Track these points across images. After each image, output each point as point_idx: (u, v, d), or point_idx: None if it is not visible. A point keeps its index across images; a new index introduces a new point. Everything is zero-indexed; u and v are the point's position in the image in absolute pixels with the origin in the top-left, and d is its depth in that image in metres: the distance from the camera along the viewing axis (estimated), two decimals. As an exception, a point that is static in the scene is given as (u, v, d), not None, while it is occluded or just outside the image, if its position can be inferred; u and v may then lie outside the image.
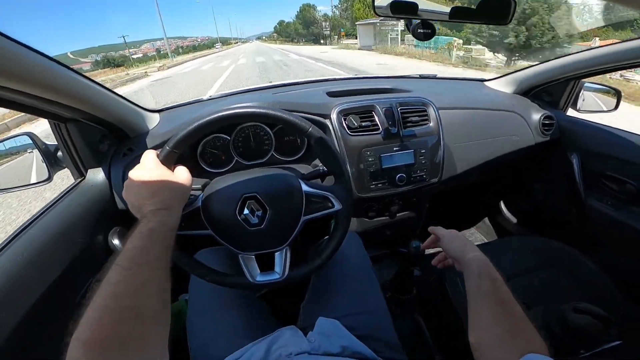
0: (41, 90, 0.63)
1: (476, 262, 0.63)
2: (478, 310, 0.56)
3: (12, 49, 0.54)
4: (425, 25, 0.72)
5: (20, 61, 0.56)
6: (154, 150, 0.63)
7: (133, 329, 0.40)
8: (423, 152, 1.04)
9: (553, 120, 1.27)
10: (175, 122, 0.99)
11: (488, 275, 0.60)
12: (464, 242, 0.71)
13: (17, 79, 0.56)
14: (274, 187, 0.70)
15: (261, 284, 0.69)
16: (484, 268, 0.61)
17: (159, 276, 0.47)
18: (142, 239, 0.50)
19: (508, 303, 0.54)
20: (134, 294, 0.43)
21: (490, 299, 0.55)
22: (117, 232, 0.88)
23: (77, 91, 0.72)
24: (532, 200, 1.52)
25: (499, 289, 0.57)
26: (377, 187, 1.03)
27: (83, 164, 0.88)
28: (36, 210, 0.78)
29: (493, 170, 1.31)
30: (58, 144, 0.86)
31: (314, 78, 1.47)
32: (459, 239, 0.73)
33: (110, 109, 0.85)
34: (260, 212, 0.67)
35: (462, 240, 0.72)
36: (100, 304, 0.41)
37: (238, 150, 0.99)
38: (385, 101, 1.03)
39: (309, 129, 0.67)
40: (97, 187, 0.88)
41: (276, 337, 0.66)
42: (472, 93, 1.38)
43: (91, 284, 0.77)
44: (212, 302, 0.79)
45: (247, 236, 0.68)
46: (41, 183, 0.87)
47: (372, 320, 0.76)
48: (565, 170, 1.26)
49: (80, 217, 0.81)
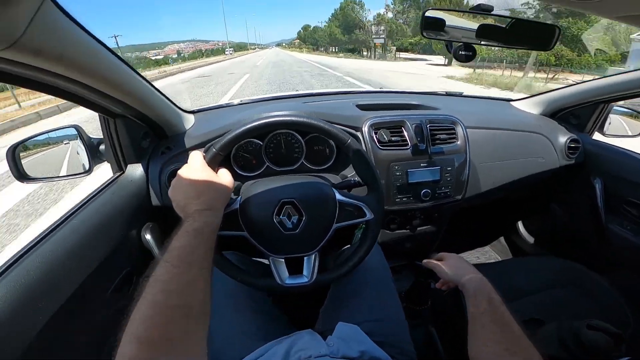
0: (104, 86, 0.66)
1: (472, 284, 0.67)
2: (476, 329, 0.58)
3: (90, 44, 0.57)
4: (467, 48, 0.74)
5: (95, 56, 0.59)
6: (199, 152, 0.66)
7: (181, 328, 0.42)
8: (449, 169, 1.05)
9: (579, 144, 1.26)
10: (210, 125, 1.02)
11: (484, 295, 0.62)
12: (457, 267, 0.75)
13: (91, 73, 0.60)
14: (310, 194, 0.72)
15: (290, 286, 0.72)
16: (480, 289, 0.64)
17: (203, 276, 0.49)
18: (188, 237, 0.51)
19: (506, 322, 0.56)
20: (182, 293, 0.45)
21: (488, 318, 0.58)
22: (149, 227, 0.91)
23: (133, 89, 0.76)
24: (551, 221, 1.51)
25: (497, 308, 0.59)
26: (402, 200, 1.05)
27: (124, 159, 0.92)
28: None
29: (516, 191, 1.32)
30: (104, 137, 0.90)
31: (342, 89, 1.50)
32: (453, 265, 0.76)
33: (156, 107, 0.88)
34: (296, 217, 0.70)
35: (457, 265, 0.76)
36: (152, 301, 0.43)
37: (269, 155, 1.02)
38: (415, 117, 1.05)
39: (348, 140, 0.71)
40: (135, 183, 0.92)
41: (295, 340, 0.67)
42: (499, 113, 1.38)
43: (123, 277, 0.81)
44: (225, 305, 0.80)
45: (281, 240, 0.70)
46: (80, 175, 0.91)
47: (390, 327, 0.77)
48: (587, 194, 1.26)
49: (118, 210, 0.84)
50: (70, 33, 0.51)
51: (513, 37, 0.71)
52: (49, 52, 0.47)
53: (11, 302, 0.54)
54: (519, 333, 0.54)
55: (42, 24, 0.43)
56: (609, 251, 1.22)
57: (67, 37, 0.51)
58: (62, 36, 0.49)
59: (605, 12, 0.46)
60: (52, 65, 0.50)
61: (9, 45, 0.40)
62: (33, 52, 0.44)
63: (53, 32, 0.47)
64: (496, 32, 0.71)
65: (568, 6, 0.44)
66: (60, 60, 0.51)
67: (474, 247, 1.84)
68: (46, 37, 0.45)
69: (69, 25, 0.51)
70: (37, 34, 0.42)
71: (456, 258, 0.79)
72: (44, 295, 0.59)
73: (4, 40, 0.39)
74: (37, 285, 0.59)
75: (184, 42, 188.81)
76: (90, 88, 0.63)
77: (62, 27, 0.49)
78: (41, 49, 0.45)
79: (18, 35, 0.39)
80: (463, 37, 0.72)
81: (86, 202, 0.81)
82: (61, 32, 0.49)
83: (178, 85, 14.75)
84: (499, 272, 1.13)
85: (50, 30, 0.46)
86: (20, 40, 0.40)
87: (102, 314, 0.75)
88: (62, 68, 0.53)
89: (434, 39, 0.71)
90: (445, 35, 0.70)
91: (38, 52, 0.45)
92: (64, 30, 0.49)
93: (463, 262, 0.76)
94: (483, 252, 1.83)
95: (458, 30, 0.71)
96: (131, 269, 0.85)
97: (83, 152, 0.90)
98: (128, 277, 0.84)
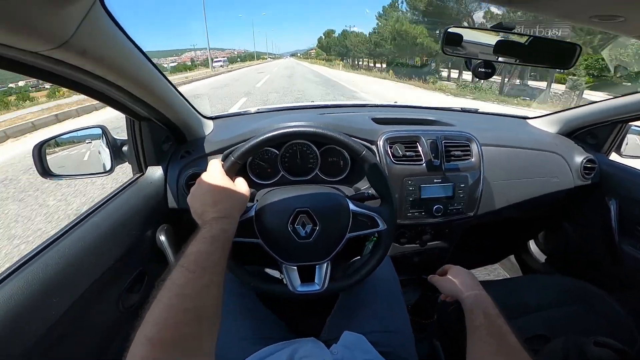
0: (137, 89, 0.69)
1: (470, 299, 0.67)
2: (474, 342, 0.59)
3: (129, 49, 0.59)
4: (486, 65, 0.75)
5: (133, 61, 0.62)
6: (218, 160, 0.68)
7: (193, 330, 0.43)
8: (462, 186, 1.05)
9: (595, 164, 1.25)
10: (229, 131, 1.04)
11: (481, 309, 0.63)
12: (459, 281, 0.75)
13: (127, 77, 0.62)
14: (325, 204, 0.74)
15: (302, 293, 0.73)
16: (477, 302, 0.65)
17: (217, 281, 0.50)
18: (205, 244, 0.53)
19: (503, 334, 0.56)
20: (196, 296, 0.46)
21: (484, 331, 0.58)
22: (164, 229, 0.93)
23: (163, 94, 0.78)
24: (563, 241, 1.49)
25: (493, 321, 0.59)
26: (414, 215, 1.05)
27: (145, 161, 0.94)
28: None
29: (529, 210, 1.31)
30: (128, 139, 0.93)
31: (358, 102, 1.51)
32: (454, 279, 0.77)
33: (180, 112, 0.91)
34: (310, 226, 0.72)
35: (458, 279, 0.76)
36: (166, 304, 0.44)
37: (284, 165, 1.04)
38: (430, 133, 1.06)
39: (363, 152, 0.72)
40: (154, 185, 0.94)
41: (297, 346, 0.67)
42: (514, 131, 1.38)
43: (136, 277, 0.82)
44: (226, 310, 0.81)
45: (295, 248, 0.72)
46: (102, 174, 0.94)
47: (396, 339, 0.77)
48: (601, 214, 1.24)
49: (136, 210, 0.86)
50: (114, 36, 0.53)
51: (533, 54, 0.72)
52: (94, 53, 0.49)
53: (27, 296, 0.55)
54: (516, 345, 0.54)
55: (91, 26, 0.45)
56: (622, 272, 1.20)
57: (111, 40, 0.53)
58: (107, 39, 0.52)
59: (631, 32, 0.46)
60: (94, 66, 0.52)
61: (59, 44, 0.41)
62: (80, 52, 0.46)
63: (99, 35, 0.49)
64: (515, 49, 0.72)
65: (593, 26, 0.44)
66: (102, 62, 0.53)
67: (483, 264, 1.82)
68: (92, 39, 0.47)
69: (114, 29, 0.53)
70: (85, 36, 0.44)
71: (459, 271, 0.79)
72: (59, 290, 0.61)
73: (56, 40, 0.41)
74: (53, 280, 0.60)
75: (200, 50, 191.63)
76: (124, 90, 0.65)
77: (108, 30, 0.51)
78: (87, 50, 0.47)
79: (69, 36, 0.41)
80: (482, 54, 0.73)
81: (106, 201, 0.83)
82: (106, 35, 0.51)
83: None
84: (508, 289, 1.12)
85: (97, 33, 0.48)
86: (69, 41, 0.42)
87: (113, 311, 0.77)
88: (103, 70, 0.55)
89: (454, 55, 0.72)
90: (464, 51, 0.71)
91: (84, 53, 0.47)
92: (109, 33, 0.52)
93: (466, 276, 0.76)
94: (492, 270, 1.81)
95: (477, 46, 0.71)
96: (143, 269, 0.87)
97: (105, 152, 0.93)
98: (140, 277, 0.86)
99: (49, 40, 0.40)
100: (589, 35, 11.38)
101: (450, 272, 0.80)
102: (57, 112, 9.16)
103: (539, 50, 0.71)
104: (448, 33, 0.68)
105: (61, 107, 10.20)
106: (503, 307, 1.00)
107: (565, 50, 0.70)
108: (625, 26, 0.42)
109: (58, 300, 0.60)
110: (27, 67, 0.46)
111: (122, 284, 0.80)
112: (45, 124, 8.34)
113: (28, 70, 0.47)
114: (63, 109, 9.82)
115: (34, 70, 0.47)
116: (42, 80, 0.53)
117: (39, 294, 0.57)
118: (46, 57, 0.43)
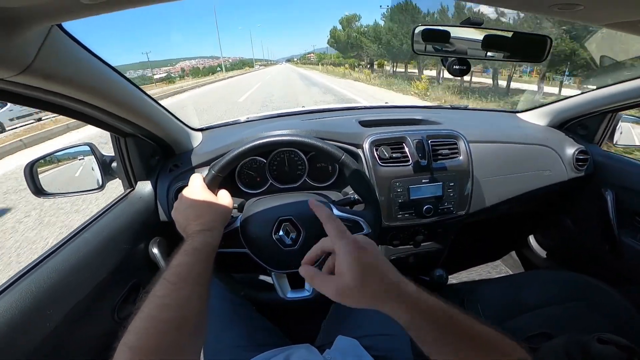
0: (113, 107, 0.70)
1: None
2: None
3: (97, 67, 0.61)
4: (460, 62, 0.75)
5: (103, 79, 0.63)
6: (200, 174, 0.70)
7: (173, 340, 0.44)
8: (452, 184, 1.05)
9: (588, 155, 1.24)
10: (216, 142, 1.05)
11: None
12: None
13: (100, 96, 0.64)
14: (308, 211, 0.75)
15: (292, 300, 0.74)
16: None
17: (199, 291, 0.51)
18: (186, 256, 0.55)
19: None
20: (177, 307, 0.47)
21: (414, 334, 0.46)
22: (157, 241, 0.94)
23: (141, 109, 0.80)
24: (562, 235, 1.48)
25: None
26: (404, 217, 1.05)
27: (134, 176, 0.96)
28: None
29: (523, 205, 1.30)
30: (115, 156, 0.94)
31: (345, 105, 1.52)
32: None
33: (164, 126, 0.92)
34: (295, 234, 0.73)
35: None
36: (147, 314, 0.45)
37: (273, 173, 1.05)
38: (416, 133, 1.06)
39: (341, 157, 0.73)
40: (144, 199, 0.95)
41: (291, 353, 0.68)
42: (503, 126, 1.37)
43: (130, 288, 0.84)
44: (218, 318, 0.82)
45: (281, 255, 0.73)
46: (93, 190, 0.95)
47: (390, 342, 0.77)
48: (598, 206, 1.23)
49: (127, 225, 0.88)
50: (78, 57, 0.55)
51: (505, 48, 0.72)
52: (59, 76, 0.51)
53: (21, 309, 0.57)
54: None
55: (51, 49, 0.46)
56: (622, 264, 1.18)
57: (76, 61, 0.54)
58: (71, 60, 0.53)
59: (592, 20, 0.46)
60: (63, 88, 0.54)
61: (22, 70, 0.43)
62: (44, 76, 0.48)
63: (62, 57, 0.50)
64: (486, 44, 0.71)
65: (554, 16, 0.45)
66: (70, 83, 0.54)
67: (485, 262, 1.80)
68: (56, 61, 0.49)
69: (77, 50, 0.54)
70: (46, 59, 0.46)
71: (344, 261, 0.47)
72: (53, 302, 0.62)
73: (17, 66, 0.42)
74: (47, 293, 0.61)
75: (194, 59, 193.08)
76: (100, 109, 0.67)
77: (70, 52, 0.52)
78: (52, 73, 0.49)
79: (29, 61, 0.43)
80: (452, 51, 0.73)
81: (98, 216, 0.85)
82: (70, 57, 0.52)
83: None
84: (509, 286, 1.11)
85: (59, 55, 0.49)
86: (32, 66, 0.44)
87: (109, 322, 0.78)
88: (72, 91, 0.56)
89: (425, 54, 0.73)
90: (435, 50, 0.72)
91: (49, 76, 0.48)
92: (72, 55, 0.53)
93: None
94: (494, 267, 1.79)
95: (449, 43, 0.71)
96: (138, 280, 0.88)
97: (97, 169, 0.94)
98: (135, 288, 0.87)
99: (10, 67, 0.42)
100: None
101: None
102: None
103: (511, 44, 0.71)
104: (416, 32, 0.68)
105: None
106: (504, 305, 1.00)
107: (537, 43, 0.70)
108: (585, 14, 0.42)
109: (52, 312, 0.61)
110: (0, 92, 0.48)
111: (117, 295, 0.81)
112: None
113: (1, 95, 0.48)
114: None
115: (6, 94, 0.49)
116: (17, 104, 0.54)
117: (34, 307, 0.59)
118: (12, 82, 0.45)
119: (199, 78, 34.66)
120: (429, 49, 0.71)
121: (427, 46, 0.71)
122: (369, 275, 0.45)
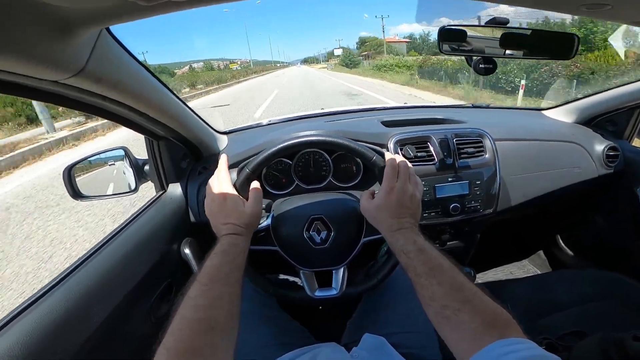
0: (152, 110, 0.73)
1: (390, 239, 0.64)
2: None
3: (140, 72, 0.63)
4: (486, 61, 0.75)
5: (145, 83, 0.66)
6: (215, 177, 0.70)
7: (206, 339, 0.46)
8: (478, 183, 1.04)
9: (618, 152, 1.21)
10: (243, 145, 1.08)
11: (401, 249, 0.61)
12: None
13: (142, 99, 0.66)
14: (338, 210, 0.76)
15: (319, 298, 0.75)
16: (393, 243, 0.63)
17: (228, 292, 0.53)
18: (216, 258, 0.58)
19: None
20: (208, 307, 0.50)
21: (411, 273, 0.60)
22: (188, 242, 0.96)
23: (176, 113, 0.82)
24: (593, 233, 1.44)
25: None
26: (430, 215, 1.04)
27: (166, 179, 0.99)
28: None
29: (552, 203, 1.27)
30: (148, 159, 0.98)
31: (366, 106, 1.52)
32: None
33: (195, 130, 0.95)
34: (325, 232, 0.74)
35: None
36: (181, 315, 0.48)
37: (298, 174, 1.06)
38: (440, 132, 1.05)
39: (373, 157, 0.74)
40: (175, 201, 0.98)
41: (317, 352, 0.68)
42: (529, 123, 1.35)
43: (164, 288, 0.87)
44: (247, 317, 0.82)
45: (311, 254, 0.74)
46: (127, 193, 0.98)
47: (419, 340, 0.77)
48: (630, 203, 1.19)
49: (160, 227, 0.91)
50: (123, 60, 0.58)
51: (533, 46, 0.72)
52: (110, 79, 0.54)
53: (68, 308, 0.59)
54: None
55: (102, 52, 0.49)
56: None
57: (122, 64, 0.57)
58: (118, 64, 0.56)
59: (620, 19, 0.47)
60: (110, 91, 0.57)
61: (76, 72, 0.46)
62: (96, 79, 0.50)
63: (111, 60, 0.53)
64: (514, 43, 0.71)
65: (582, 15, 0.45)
66: (117, 87, 0.57)
67: (512, 261, 1.77)
68: (106, 65, 0.52)
69: (122, 53, 0.57)
70: (98, 62, 0.49)
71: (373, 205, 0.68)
72: (97, 301, 0.65)
73: (72, 69, 0.45)
74: (90, 292, 0.64)
75: (202, 61, 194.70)
76: (140, 112, 0.70)
77: (117, 55, 0.55)
78: (102, 76, 0.52)
79: (83, 64, 0.46)
80: (479, 50, 0.73)
81: (133, 219, 0.88)
82: (117, 60, 0.55)
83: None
84: (538, 286, 1.09)
85: (109, 59, 0.52)
86: (85, 69, 0.46)
87: (145, 320, 0.81)
88: (119, 94, 0.59)
89: (452, 54, 0.73)
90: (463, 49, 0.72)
91: (100, 79, 0.51)
92: (119, 58, 0.56)
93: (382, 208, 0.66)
94: (521, 266, 1.75)
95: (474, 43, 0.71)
96: (171, 280, 0.91)
97: (129, 172, 0.98)
98: (169, 288, 0.89)
99: (66, 69, 0.44)
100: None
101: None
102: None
103: (539, 42, 0.71)
104: (443, 32, 0.69)
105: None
106: (534, 304, 0.98)
107: (565, 41, 0.69)
108: (613, 13, 0.43)
109: (96, 310, 0.64)
110: (49, 94, 0.51)
111: (152, 296, 0.83)
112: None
113: (49, 97, 0.51)
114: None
115: (54, 97, 0.52)
116: (62, 106, 0.58)
117: (80, 305, 0.61)
118: (66, 85, 0.48)
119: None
120: (453, 48, 0.71)
121: (452, 46, 0.72)
122: (398, 207, 0.63)
